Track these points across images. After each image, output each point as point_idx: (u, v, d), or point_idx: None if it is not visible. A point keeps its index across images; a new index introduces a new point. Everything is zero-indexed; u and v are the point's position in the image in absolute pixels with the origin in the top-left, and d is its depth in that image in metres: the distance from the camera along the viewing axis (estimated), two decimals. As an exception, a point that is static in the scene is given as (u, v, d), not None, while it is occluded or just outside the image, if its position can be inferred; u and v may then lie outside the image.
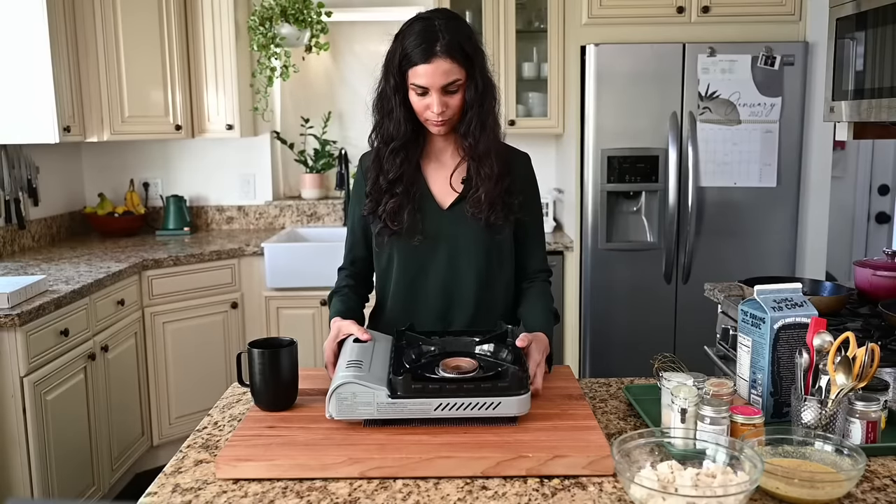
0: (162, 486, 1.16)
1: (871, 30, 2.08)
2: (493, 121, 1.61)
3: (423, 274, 1.67)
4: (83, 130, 3.34)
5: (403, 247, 1.66)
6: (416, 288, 1.68)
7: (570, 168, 3.53)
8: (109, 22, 3.34)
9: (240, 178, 4.05)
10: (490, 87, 1.59)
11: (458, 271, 1.66)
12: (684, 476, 1.04)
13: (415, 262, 1.67)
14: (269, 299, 3.47)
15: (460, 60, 1.52)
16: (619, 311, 3.38)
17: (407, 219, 1.62)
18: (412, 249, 1.65)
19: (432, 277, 1.67)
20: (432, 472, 1.17)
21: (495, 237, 1.65)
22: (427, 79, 1.51)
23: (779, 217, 3.34)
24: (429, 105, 1.54)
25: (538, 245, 1.77)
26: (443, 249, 1.65)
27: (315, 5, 3.73)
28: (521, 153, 1.74)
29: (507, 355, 1.41)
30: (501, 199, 1.61)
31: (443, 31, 1.51)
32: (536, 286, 1.74)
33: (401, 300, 1.70)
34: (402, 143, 1.61)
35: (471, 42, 1.55)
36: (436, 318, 1.68)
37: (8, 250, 3.28)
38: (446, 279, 1.66)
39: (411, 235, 1.63)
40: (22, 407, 2.35)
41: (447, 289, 1.67)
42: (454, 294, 1.67)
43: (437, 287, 1.67)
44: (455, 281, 1.66)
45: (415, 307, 1.69)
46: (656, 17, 3.31)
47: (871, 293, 2.19)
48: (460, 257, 1.66)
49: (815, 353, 1.26)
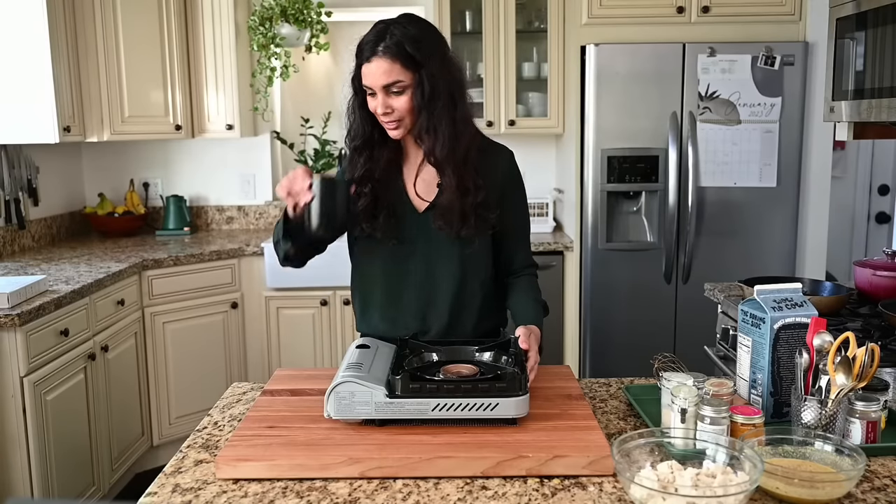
0: (162, 486, 1.16)
1: (871, 30, 2.08)
2: (453, 127, 1.54)
3: (402, 276, 1.67)
4: (83, 130, 3.34)
5: (382, 250, 1.66)
6: (395, 290, 1.68)
7: (570, 168, 3.53)
8: (109, 22, 3.34)
9: (240, 178, 4.05)
10: (442, 92, 1.52)
11: (435, 276, 1.66)
12: (684, 476, 1.04)
13: (393, 265, 1.67)
14: (269, 299, 3.47)
15: (403, 61, 1.49)
16: (619, 311, 3.38)
17: (383, 222, 1.62)
18: (390, 252, 1.66)
19: (411, 280, 1.67)
20: (432, 472, 1.17)
21: (466, 249, 1.64)
22: (369, 78, 1.52)
23: (779, 217, 3.34)
24: (377, 108, 1.55)
25: (523, 241, 1.76)
26: (420, 254, 1.66)
27: (315, 5, 3.73)
28: (503, 150, 1.71)
29: (509, 363, 1.41)
30: (475, 213, 1.59)
31: (392, 33, 1.50)
32: (523, 280, 1.75)
33: (382, 302, 1.70)
34: (363, 143, 1.61)
35: (420, 44, 1.50)
36: (412, 320, 1.68)
37: (8, 250, 3.28)
38: (424, 283, 1.67)
39: (387, 239, 1.64)
40: (22, 407, 2.35)
41: (424, 292, 1.67)
42: (431, 298, 1.68)
43: (415, 290, 1.67)
44: (432, 285, 1.67)
45: (396, 308, 1.69)
46: (656, 17, 3.31)
47: (871, 293, 2.19)
48: (436, 263, 1.66)
49: (815, 353, 1.26)
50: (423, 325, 1.68)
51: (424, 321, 1.68)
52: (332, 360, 3.50)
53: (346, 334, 3.50)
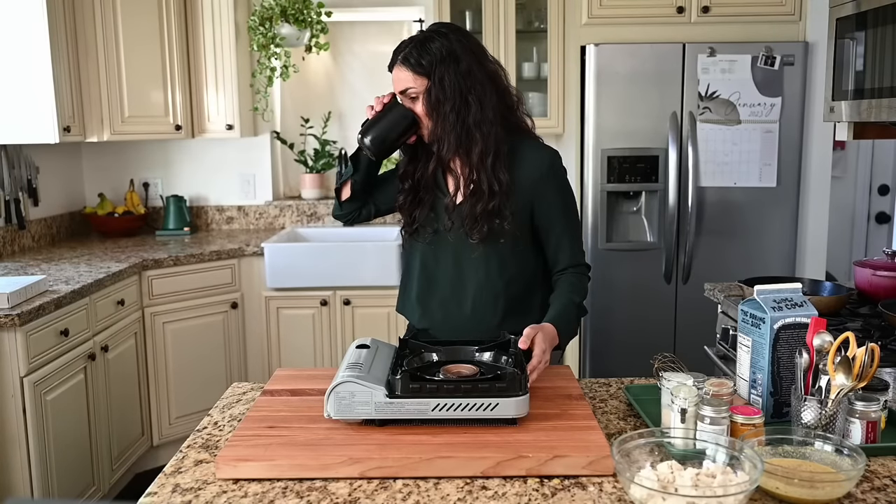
0: (162, 486, 1.16)
1: (871, 30, 2.08)
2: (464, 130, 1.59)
3: (434, 267, 1.77)
4: (83, 130, 3.34)
5: (420, 242, 1.78)
6: (429, 280, 1.78)
7: (570, 168, 3.51)
8: (109, 22, 3.34)
9: (240, 178, 4.05)
10: (453, 97, 1.58)
11: (462, 269, 1.74)
12: (684, 476, 1.04)
13: (429, 256, 1.77)
14: (269, 299, 3.47)
15: (414, 69, 1.60)
16: (619, 311, 3.38)
17: (419, 217, 1.73)
18: (426, 244, 1.76)
19: (441, 270, 1.76)
20: (432, 472, 1.17)
21: (487, 247, 1.68)
22: (393, 84, 1.65)
23: (779, 217, 3.34)
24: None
25: (568, 239, 1.74)
26: (451, 247, 1.73)
27: (315, 5, 3.73)
28: (544, 150, 1.71)
29: (509, 363, 1.41)
30: (485, 218, 1.63)
31: (415, 41, 1.61)
32: (565, 278, 1.75)
33: (417, 290, 1.80)
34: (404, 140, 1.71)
35: (432, 52, 1.58)
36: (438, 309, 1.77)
37: (8, 250, 3.28)
38: (452, 276, 1.75)
39: (423, 231, 1.75)
40: (22, 407, 2.35)
41: (451, 284, 1.75)
42: (457, 290, 1.75)
43: (445, 281, 1.76)
44: (459, 278, 1.74)
45: (428, 296, 1.79)
46: (656, 17, 3.31)
47: (871, 293, 2.19)
48: (464, 257, 1.72)
49: (815, 353, 1.26)
50: (446, 315, 1.76)
51: (449, 311, 1.76)
52: (332, 360, 3.50)
53: (346, 334, 3.50)
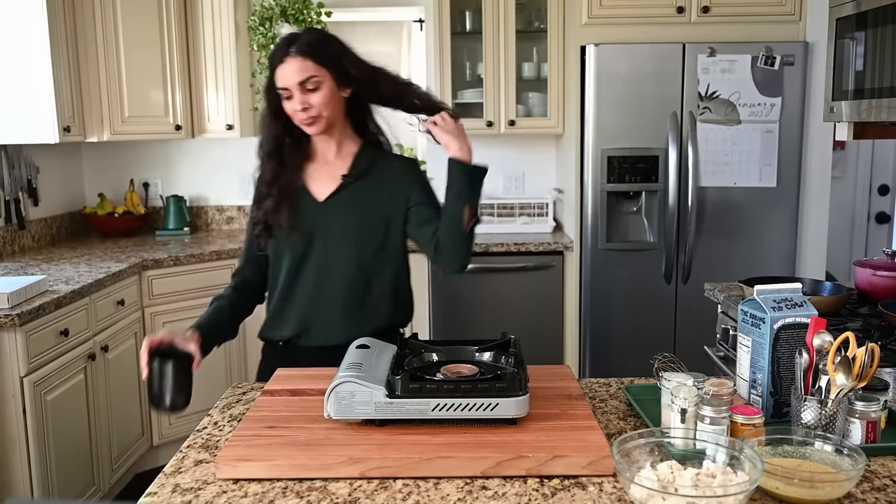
0: (162, 486, 1.16)
1: (871, 30, 2.08)
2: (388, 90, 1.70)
3: (300, 266, 1.74)
4: (83, 130, 3.34)
5: (284, 245, 1.74)
6: (294, 281, 1.75)
7: (570, 168, 3.53)
8: (109, 22, 3.34)
9: (240, 178, 4.04)
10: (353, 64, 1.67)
11: (332, 259, 1.73)
12: (684, 476, 1.04)
13: (293, 257, 1.74)
14: (269, 299, 3.47)
15: (315, 58, 1.62)
16: (619, 311, 3.38)
17: (286, 218, 1.71)
18: (291, 245, 1.73)
19: (309, 268, 1.74)
20: (432, 472, 1.17)
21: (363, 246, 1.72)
22: (284, 80, 1.63)
23: (779, 217, 3.34)
24: (295, 106, 1.64)
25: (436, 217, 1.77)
26: (318, 241, 1.73)
27: (315, 5, 3.73)
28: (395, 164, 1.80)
29: (509, 363, 1.41)
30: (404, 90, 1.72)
31: (300, 38, 1.64)
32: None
33: (281, 295, 1.77)
34: (274, 148, 1.73)
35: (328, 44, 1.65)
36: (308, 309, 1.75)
37: (8, 250, 3.28)
38: (320, 269, 1.73)
39: (290, 232, 1.71)
40: (22, 407, 2.35)
41: (321, 279, 1.74)
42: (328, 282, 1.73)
43: (311, 278, 1.74)
44: (329, 269, 1.73)
45: (290, 299, 1.76)
46: (656, 17, 3.31)
47: (871, 293, 2.19)
48: (335, 247, 1.72)
49: (815, 353, 1.26)
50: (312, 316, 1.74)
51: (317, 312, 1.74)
52: (332, 360, 3.49)
53: (346, 334, 3.49)
